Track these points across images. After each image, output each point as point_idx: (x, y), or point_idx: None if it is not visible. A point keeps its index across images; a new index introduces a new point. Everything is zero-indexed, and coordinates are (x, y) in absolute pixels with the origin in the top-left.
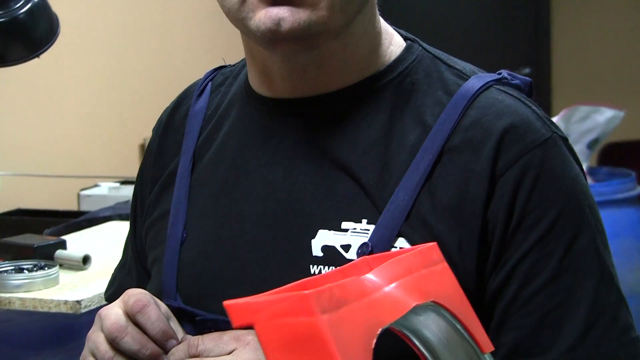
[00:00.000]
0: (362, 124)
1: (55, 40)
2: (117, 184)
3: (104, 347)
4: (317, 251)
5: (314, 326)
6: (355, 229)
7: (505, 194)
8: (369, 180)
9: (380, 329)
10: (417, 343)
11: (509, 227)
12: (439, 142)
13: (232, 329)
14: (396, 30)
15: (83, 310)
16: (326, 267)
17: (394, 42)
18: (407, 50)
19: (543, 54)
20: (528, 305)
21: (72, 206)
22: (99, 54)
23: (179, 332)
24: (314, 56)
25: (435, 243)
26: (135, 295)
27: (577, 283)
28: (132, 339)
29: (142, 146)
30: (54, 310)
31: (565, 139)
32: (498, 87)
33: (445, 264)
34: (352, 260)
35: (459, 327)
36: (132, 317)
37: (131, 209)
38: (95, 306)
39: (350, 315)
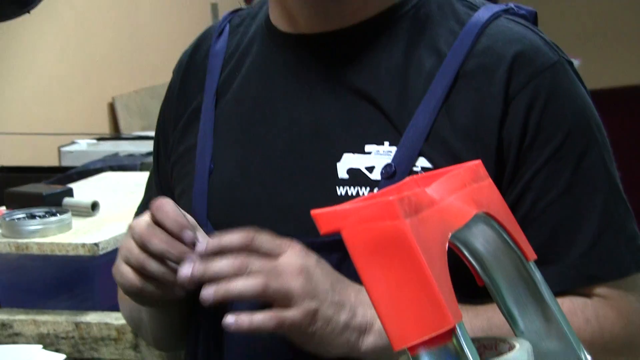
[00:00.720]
0: (381, 54)
1: None
2: (94, 141)
3: (136, 251)
4: (342, 174)
5: (399, 229)
6: (378, 151)
7: (518, 114)
8: (389, 105)
9: (450, 233)
10: (466, 254)
11: (523, 145)
12: (454, 68)
13: None
14: None
15: (101, 252)
16: (352, 188)
17: None
18: None
19: None
20: (543, 216)
21: (52, 163)
22: (69, 17)
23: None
24: None
25: (480, 160)
26: (156, 200)
27: (588, 195)
28: (159, 240)
29: (110, 105)
30: (71, 253)
31: (570, 63)
32: (507, 16)
33: (490, 180)
34: (376, 180)
35: (506, 237)
36: (153, 218)
37: (154, 147)
38: (111, 248)
39: (426, 221)
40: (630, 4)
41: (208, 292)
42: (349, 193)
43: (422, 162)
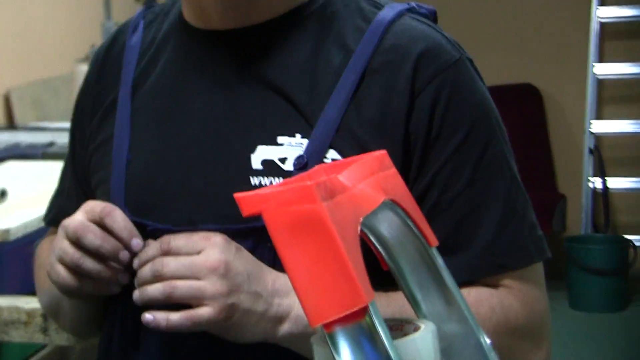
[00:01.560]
0: (292, 50)
1: None
2: None
3: (70, 250)
4: (256, 165)
5: (317, 212)
6: (290, 142)
7: (424, 109)
8: (300, 99)
9: (362, 217)
10: (372, 239)
11: (429, 138)
12: (361, 64)
13: None
14: None
15: (11, 238)
16: (265, 178)
17: None
18: None
19: None
20: (449, 209)
21: None
22: None
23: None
24: None
25: (385, 151)
26: (101, 204)
27: (491, 187)
28: (94, 235)
29: (4, 96)
30: None
31: (471, 60)
32: (410, 15)
33: (395, 169)
34: (289, 171)
35: (410, 223)
36: (99, 222)
37: (70, 138)
38: (21, 234)
39: (340, 205)
40: (506, 14)
41: (135, 296)
42: (263, 183)
43: (332, 154)
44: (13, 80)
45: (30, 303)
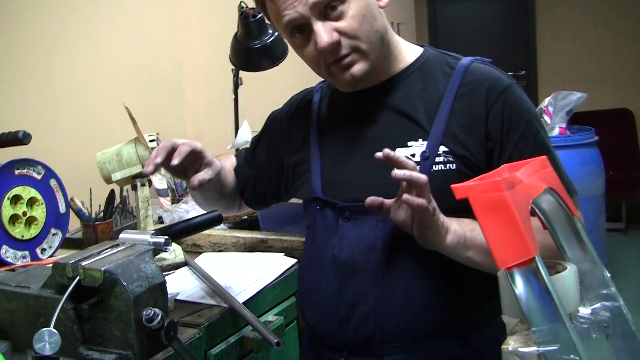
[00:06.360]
0: (408, 89)
1: (285, 57)
2: None
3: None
4: None
5: (503, 198)
6: (415, 144)
7: (497, 115)
8: (419, 117)
9: (532, 199)
10: (538, 212)
11: (502, 133)
12: (453, 93)
13: (360, 210)
14: (412, 42)
15: None
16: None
17: (413, 50)
18: (424, 51)
19: (532, 61)
20: None
21: None
22: None
23: None
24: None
25: (545, 156)
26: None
27: (542, 152)
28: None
29: None
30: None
31: (517, 84)
32: (478, 62)
33: (551, 168)
34: (417, 161)
35: (561, 202)
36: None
37: (260, 133)
38: None
39: (517, 192)
40: (608, 55)
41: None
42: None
43: (442, 148)
44: None
45: None
